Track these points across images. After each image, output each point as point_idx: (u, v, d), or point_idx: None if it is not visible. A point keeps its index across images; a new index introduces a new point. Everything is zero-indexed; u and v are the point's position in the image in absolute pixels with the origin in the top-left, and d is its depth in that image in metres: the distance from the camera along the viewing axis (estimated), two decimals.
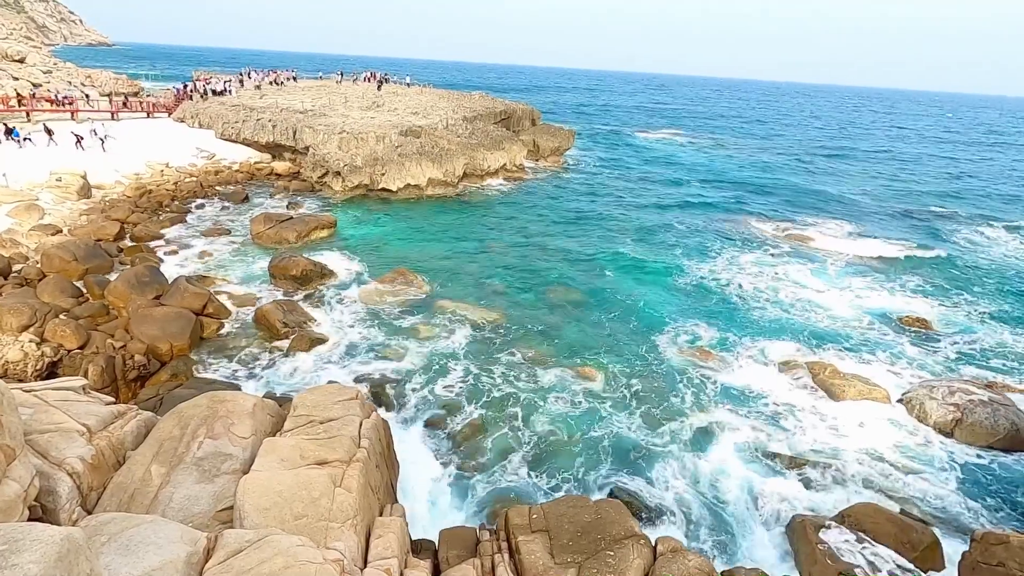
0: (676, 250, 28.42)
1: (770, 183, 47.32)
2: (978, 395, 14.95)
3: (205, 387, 12.80)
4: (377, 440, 9.40)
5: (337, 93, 50.33)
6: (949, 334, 20.62)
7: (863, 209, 39.55)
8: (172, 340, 15.58)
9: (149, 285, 17.62)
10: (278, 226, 25.15)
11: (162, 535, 5.73)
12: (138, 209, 26.58)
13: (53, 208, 24.03)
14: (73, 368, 13.93)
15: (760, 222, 34.63)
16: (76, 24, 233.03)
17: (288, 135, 37.27)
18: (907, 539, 10.26)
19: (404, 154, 34.64)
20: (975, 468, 13.48)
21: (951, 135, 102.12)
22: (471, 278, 22.86)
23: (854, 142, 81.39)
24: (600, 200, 38.24)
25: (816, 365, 17.18)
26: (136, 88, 66.93)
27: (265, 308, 17.88)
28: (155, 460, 7.87)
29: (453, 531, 9.49)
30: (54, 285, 17.11)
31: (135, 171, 30.79)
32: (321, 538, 6.73)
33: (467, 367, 16.36)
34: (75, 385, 8.80)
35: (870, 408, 15.49)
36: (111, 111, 42.78)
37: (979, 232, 35.66)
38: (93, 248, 20.12)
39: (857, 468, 13.23)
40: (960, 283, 25.97)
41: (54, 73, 57.94)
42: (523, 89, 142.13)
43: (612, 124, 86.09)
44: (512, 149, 42.75)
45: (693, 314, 20.79)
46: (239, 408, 8.89)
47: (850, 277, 25.79)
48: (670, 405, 15.21)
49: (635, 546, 8.21)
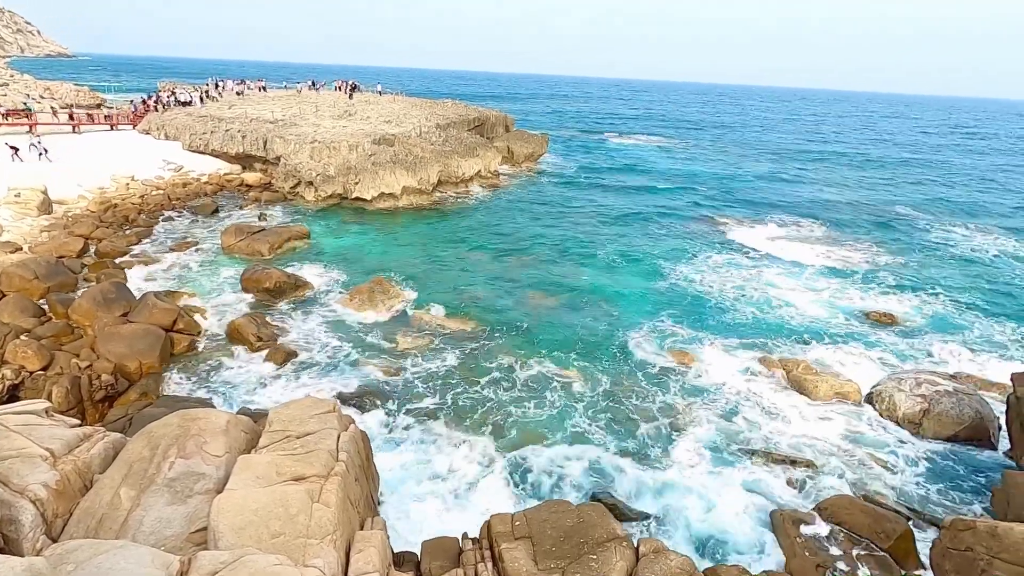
0: (651, 253, 28.78)
1: (744, 186, 48.34)
2: (944, 385, 15.44)
3: (176, 405, 12.43)
4: (356, 453, 9.27)
5: (308, 102, 49.81)
6: (916, 328, 21.29)
7: (836, 210, 40.63)
8: (141, 358, 15.14)
9: (116, 302, 17.10)
10: (250, 238, 24.71)
11: (133, 560, 5.55)
12: (103, 224, 25.80)
13: (12, 225, 23.18)
14: (36, 390, 13.42)
15: (734, 224, 35.33)
16: (33, 35, 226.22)
17: (258, 145, 36.70)
18: (881, 529, 10.52)
19: (378, 163, 34.41)
20: (943, 457, 13.91)
21: (925, 138, 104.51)
22: (449, 286, 22.78)
23: (829, 145, 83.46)
24: (576, 204, 38.55)
25: (789, 362, 17.55)
26: (98, 100, 65.24)
27: (238, 322, 17.52)
28: (124, 483, 7.62)
29: (435, 541, 9.40)
30: (14, 304, 16.48)
31: (99, 185, 29.94)
32: (300, 556, 6.60)
33: (446, 375, 16.27)
34: (37, 408, 8.49)
35: (842, 402, 15.88)
36: (73, 124, 41.59)
37: (949, 231, 36.92)
38: (55, 265, 19.46)
39: (832, 461, 13.53)
40: (928, 279, 26.82)
41: (11, 85, 56.10)
42: (499, 97, 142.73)
43: (587, 129, 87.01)
44: (487, 156, 42.83)
45: (669, 315, 21.07)
46: (212, 425, 8.68)
47: (822, 276, 26.46)
48: (647, 406, 15.36)
49: (618, 548, 8.24)
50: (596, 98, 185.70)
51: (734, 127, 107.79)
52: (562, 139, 70.97)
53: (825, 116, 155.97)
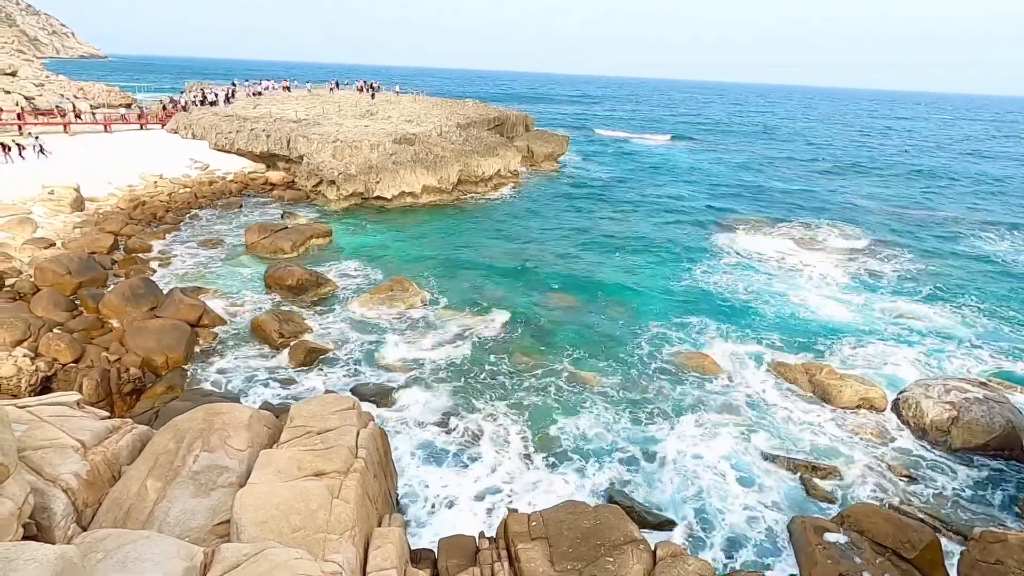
0: (672, 254, 28.50)
1: (768, 187, 47.47)
2: (974, 393, 15.00)
3: (201, 399, 12.73)
4: (375, 450, 9.37)
5: (331, 102, 50.41)
6: (946, 334, 20.72)
7: (865, 213, 39.58)
8: (167, 352, 15.50)
9: (144, 297, 17.54)
10: (273, 236, 25.10)
11: (158, 551, 5.69)
12: (132, 221, 26.49)
13: (46, 221, 23.92)
14: (67, 382, 13.84)
15: (758, 226, 34.74)
16: (68, 37, 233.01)
17: (282, 144, 37.27)
18: (906, 539, 10.26)
19: (398, 162, 34.69)
20: (972, 466, 13.52)
21: (966, 143, 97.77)
22: (467, 285, 22.86)
23: (862, 149, 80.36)
24: (595, 204, 38.34)
25: (812, 366, 17.22)
26: (129, 100, 66.90)
27: (261, 318, 17.83)
28: (151, 474, 7.82)
29: (452, 540, 9.46)
30: (48, 299, 17.01)
31: (129, 183, 30.72)
32: (319, 550, 6.70)
33: (464, 374, 16.34)
34: (69, 400, 8.75)
35: (866, 408, 15.54)
36: (104, 123, 42.72)
37: (978, 235, 35.79)
38: (87, 261, 20.03)
39: (855, 468, 13.26)
40: (961, 286, 25.94)
41: (46, 86, 57.87)
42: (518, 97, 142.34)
43: (608, 128, 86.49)
44: (506, 155, 42.86)
45: (689, 318, 20.83)
46: (235, 420, 8.85)
47: (849, 281, 25.87)
48: (667, 409, 15.22)
49: (635, 551, 8.20)
50: (618, 98, 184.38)
51: (761, 126, 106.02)
52: (583, 138, 70.66)
53: (871, 117, 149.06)
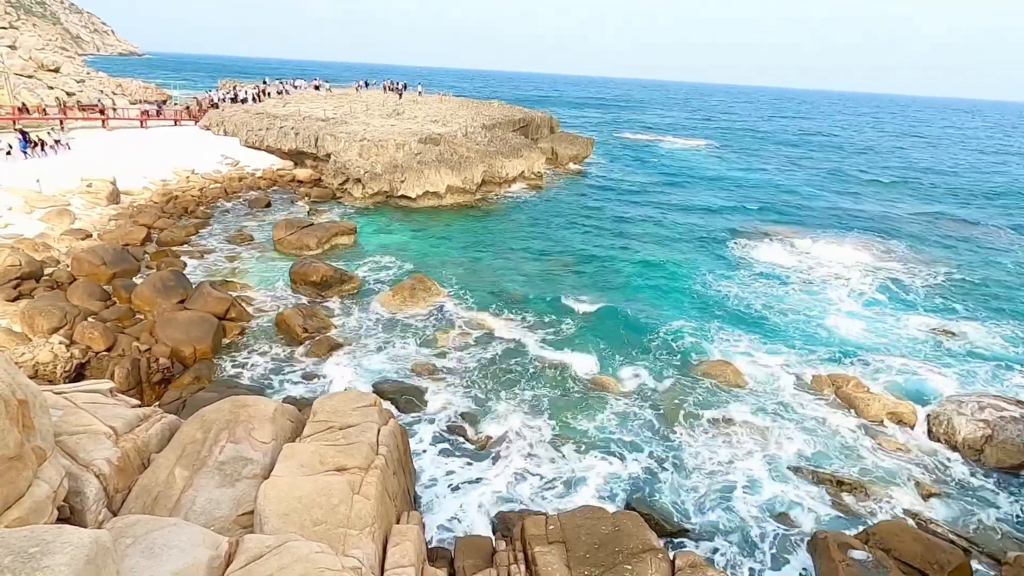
0: (696, 260, 28.13)
1: (794, 195, 46.41)
2: (1010, 411, 14.49)
3: (227, 391, 12.99)
4: (395, 447, 9.45)
5: (358, 101, 51.07)
6: (981, 350, 20.05)
7: (894, 224, 38.53)
8: (195, 344, 15.86)
9: (174, 289, 17.99)
10: (299, 232, 25.52)
11: (185, 538, 5.82)
12: (164, 215, 27.20)
13: (84, 213, 24.72)
14: (100, 370, 14.27)
15: (784, 234, 34.05)
16: (108, 35, 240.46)
17: (310, 142, 37.88)
18: (934, 559, 9.94)
19: (423, 161, 34.95)
20: (1006, 487, 13.06)
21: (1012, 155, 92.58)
22: (489, 285, 22.91)
23: (888, 157, 78.16)
24: (619, 208, 38.06)
25: (840, 378, 16.83)
26: (164, 96, 68.67)
27: (286, 313, 18.13)
28: (179, 463, 8.00)
29: (469, 540, 9.48)
30: (83, 288, 17.57)
31: (162, 177, 31.56)
32: (339, 545, 6.77)
33: (484, 374, 16.37)
34: (103, 388, 9.01)
35: (895, 422, 15.13)
36: (140, 119, 43.97)
37: (1009, 245, 34.62)
38: (121, 252, 20.63)
39: (882, 484, 12.91)
40: (998, 301, 25.07)
41: (87, 82, 59.73)
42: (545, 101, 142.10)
43: (634, 132, 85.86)
44: (531, 157, 42.86)
45: (714, 326, 20.52)
46: (260, 413, 9.01)
47: (878, 293, 25.16)
48: (689, 416, 15.02)
49: (653, 560, 8.11)
50: (645, 101, 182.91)
51: (787, 133, 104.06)
52: (608, 142, 70.25)
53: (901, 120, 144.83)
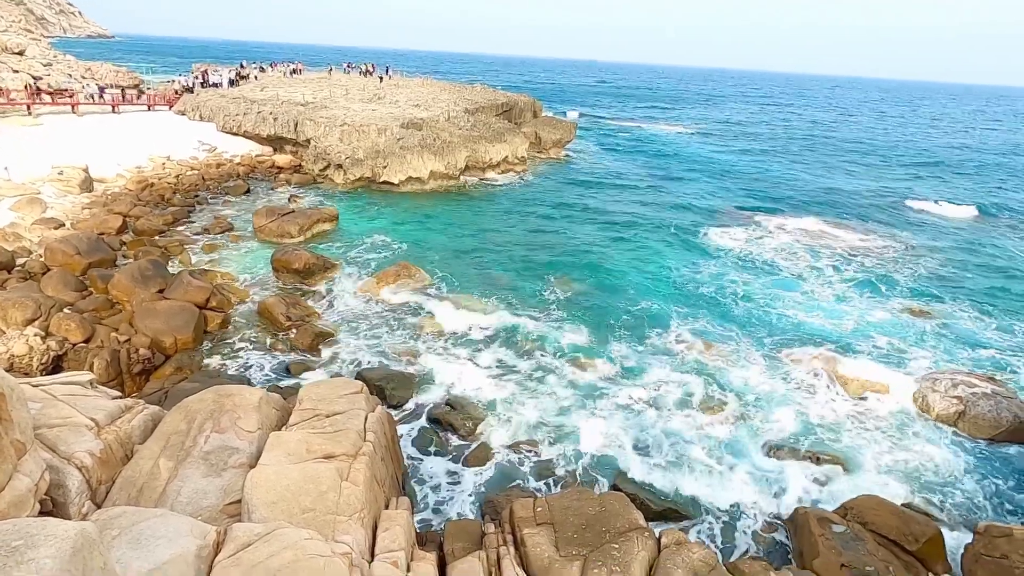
0: (679, 243, 28.37)
1: (778, 178, 46.90)
2: (981, 387, 14.96)
3: (210, 381, 12.84)
4: (382, 433, 9.46)
5: (338, 85, 50.10)
6: (954, 328, 20.59)
7: (871, 204, 39.20)
8: (176, 334, 15.61)
9: (152, 279, 17.63)
10: (280, 219, 25.12)
11: (172, 528, 5.78)
12: (140, 203, 26.51)
13: (55, 201, 24.03)
14: (78, 362, 13.98)
15: (766, 217, 34.38)
16: (75, 16, 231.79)
17: (289, 128, 37.14)
18: (909, 531, 10.30)
19: (406, 147, 34.52)
20: (978, 461, 13.52)
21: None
22: (474, 271, 22.85)
23: (874, 135, 78.71)
24: (602, 192, 38.13)
25: (818, 357, 17.20)
26: (136, 81, 66.63)
27: (268, 302, 17.91)
28: (163, 454, 7.92)
29: (458, 524, 9.57)
30: (58, 279, 17.13)
31: (137, 164, 30.76)
32: (329, 531, 6.79)
33: (470, 360, 16.39)
34: (83, 380, 8.85)
35: (872, 400, 15.53)
36: (111, 104, 42.64)
37: (977, 224, 35.42)
38: (96, 242, 20.11)
39: (859, 459, 13.28)
40: (972, 282, 25.66)
41: (54, 66, 57.65)
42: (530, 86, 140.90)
43: (616, 116, 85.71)
44: (514, 141, 42.57)
45: (696, 307, 20.77)
46: (245, 402, 8.93)
47: (860, 274, 25.56)
48: (672, 396, 15.25)
49: (639, 539, 8.27)
50: (629, 85, 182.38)
51: (773, 116, 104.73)
52: (591, 125, 70.05)
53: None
